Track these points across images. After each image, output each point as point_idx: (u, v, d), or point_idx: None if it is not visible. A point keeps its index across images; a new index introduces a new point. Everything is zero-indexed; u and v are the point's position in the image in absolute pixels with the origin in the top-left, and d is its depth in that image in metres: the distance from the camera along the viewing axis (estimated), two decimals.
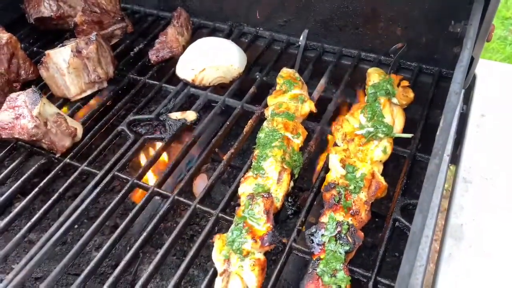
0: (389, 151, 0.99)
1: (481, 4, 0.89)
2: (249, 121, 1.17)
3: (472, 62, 0.99)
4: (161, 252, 0.91)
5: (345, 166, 0.95)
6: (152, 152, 1.20)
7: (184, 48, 1.35)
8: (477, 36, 0.92)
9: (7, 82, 1.17)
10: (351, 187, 0.91)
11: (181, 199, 1.01)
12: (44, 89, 1.28)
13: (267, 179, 0.95)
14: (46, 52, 1.20)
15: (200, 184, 1.31)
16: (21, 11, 1.52)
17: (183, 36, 1.36)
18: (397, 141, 1.05)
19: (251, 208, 0.89)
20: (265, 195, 0.91)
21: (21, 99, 1.08)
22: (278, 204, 0.93)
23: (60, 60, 1.19)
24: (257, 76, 1.32)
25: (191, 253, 0.90)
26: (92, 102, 1.26)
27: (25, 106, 1.06)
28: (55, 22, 1.45)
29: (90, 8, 1.36)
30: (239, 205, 0.94)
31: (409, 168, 1.02)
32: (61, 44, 1.24)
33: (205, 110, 1.26)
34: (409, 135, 1.03)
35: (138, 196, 1.19)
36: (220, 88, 1.30)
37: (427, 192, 0.72)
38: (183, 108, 1.25)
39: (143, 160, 1.31)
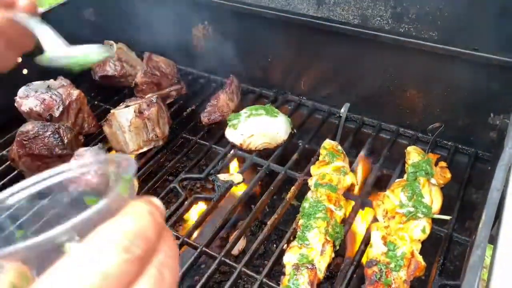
0: (428, 231, 1.05)
1: None
2: (292, 188, 1.24)
3: None
4: None
5: (386, 244, 1.00)
6: (200, 210, 1.28)
7: (233, 112, 1.46)
8: None
9: (75, 136, 1.29)
10: (392, 265, 0.96)
11: (227, 261, 1.08)
12: (103, 142, 1.40)
13: (311, 250, 1.01)
14: (111, 111, 1.33)
15: (239, 243, 1.37)
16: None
17: (233, 102, 1.48)
18: (434, 220, 1.10)
19: (296, 278, 0.95)
20: (309, 266, 0.97)
21: (88, 155, 1.19)
22: (321, 275, 0.99)
23: (123, 119, 1.31)
24: (300, 144, 1.41)
25: None
26: (147, 158, 1.36)
27: None
28: (117, 80, 1.59)
29: (151, 71, 1.49)
30: (283, 273, 1.00)
31: (445, 248, 1.07)
32: (124, 104, 1.36)
33: (251, 172, 1.35)
34: (447, 217, 1.09)
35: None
36: (264, 152, 1.39)
37: (469, 283, 0.77)
38: (230, 169, 1.34)
39: (190, 216, 1.38)
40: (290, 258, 1.01)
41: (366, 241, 1.08)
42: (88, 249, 0.34)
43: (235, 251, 1.44)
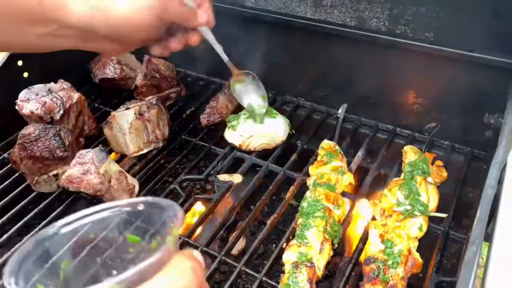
0: (424, 228, 1.06)
1: None
2: (291, 188, 1.26)
3: None
4: None
5: (384, 241, 1.02)
6: (200, 211, 1.29)
7: (232, 113, 1.48)
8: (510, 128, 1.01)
9: (76, 138, 1.30)
10: (390, 262, 0.98)
11: (228, 260, 1.09)
12: (103, 144, 1.41)
13: (310, 248, 1.03)
14: (112, 113, 1.34)
15: (238, 243, 1.38)
16: (85, 71, 1.70)
17: (232, 103, 1.49)
18: (430, 218, 1.12)
19: (295, 276, 0.97)
20: (308, 264, 0.98)
21: (89, 156, 1.20)
22: (320, 273, 1.01)
23: (123, 121, 1.32)
24: (298, 144, 1.43)
25: None
26: (147, 160, 1.37)
27: (92, 163, 1.18)
28: (116, 83, 1.61)
29: (151, 73, 1.51)
30: (282, 271, 1.02)
31: (442, 245, 1.09)
32: (124, 106, 1.38)
33: (250, 172, 1.37)
34: (444, 215, 1.10)
35: None
36: (263, 152, 1.41)
37: (465, 278, 0.78)
38: (229, 170, 1.35)
39: (190, 217, 1.40)
40: (289, 256, 1.02)
41: (364, 240, 1.09)
42: None
43: (234, 251, 1.46)
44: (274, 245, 1.50)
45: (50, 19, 0.69)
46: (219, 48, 1.15)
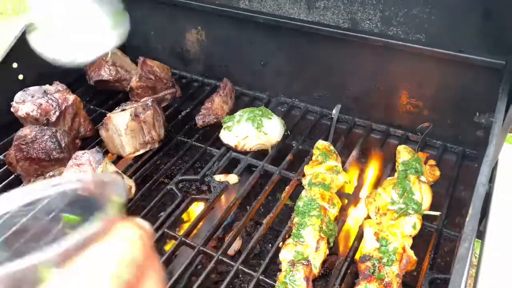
0: (418, 226, 1.08)
1: (504, 104, 1.01)
2: (286, 188, 1.27)
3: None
4: None
5: (378, 239, 1.03)
6: (197, 211, 1.30)
7: (228, 114, 1.49)
8: (501, 127, 1.03)
9: (72, 140, 1.31)
10: (384, 260, 0.99)
11: (225, 259, 1.10)
12: (99, 145, 1.42)
13: (306, 246, 1.04)
14: (108, 115, 1.35)
15: (234, 243, 1.39)
16: (80, 73, 1.70)
17: (227, 104, 1.51)
18: (424, 216, 1.14)
19: (292, 274, 0.98)
20: (304, 263, 1.00)
21: (86, 157, 1.20)
22: (316, 271, 1.02)
23: (119, 122, 1.33)
24: (293, 145, 1.44)
25: None
26: (143, 161, 1.38)
27: (89, 165, 1.19)
28: (111, 84, 1.61)
29: (146, 75, 1.52)
30: (279, 270, 1.03)
31: (436, 243, 1.10)
32: (120, 108, 1.39)
33: (246, 173, 1.38)
34: (437, 213, 1.12)
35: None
36: (259, 153, 1.42)
37: (458, 274, 0.80)
38: (225, 170, 1.36)
39: (187, 217, 1.41)
40: (285, 255, 1.04)
41: (359, 238, 1.11)
42: (74, 277, 0.34)
43: (231, 252, 1.47)
44: (270, 245, 1.51)
45: None
46: None
